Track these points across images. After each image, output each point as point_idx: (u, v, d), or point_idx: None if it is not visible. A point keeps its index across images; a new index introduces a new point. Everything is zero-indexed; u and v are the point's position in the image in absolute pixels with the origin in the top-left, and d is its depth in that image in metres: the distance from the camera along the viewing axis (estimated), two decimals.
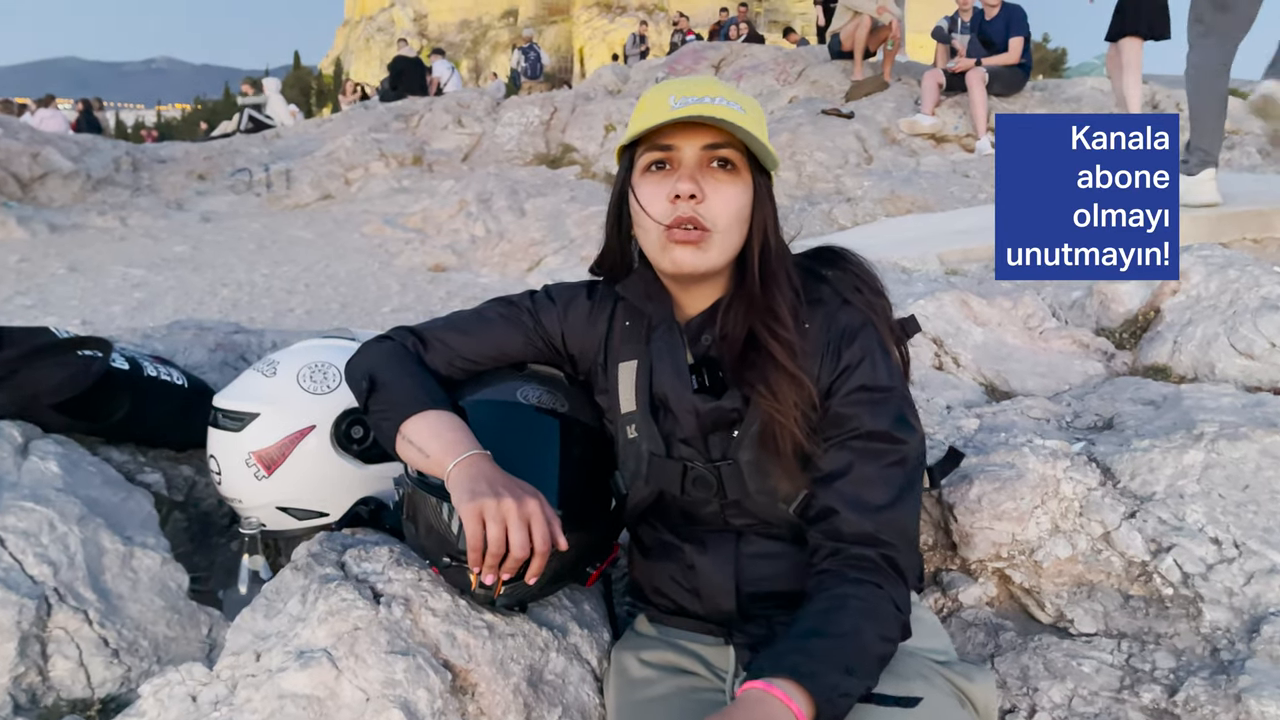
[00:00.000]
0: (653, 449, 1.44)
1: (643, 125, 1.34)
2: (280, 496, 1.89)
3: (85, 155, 10.75)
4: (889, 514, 1.31)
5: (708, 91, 1.33)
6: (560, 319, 1.54)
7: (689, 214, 1.33)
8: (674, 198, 1.33)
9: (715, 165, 1.35)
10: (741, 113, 1.32)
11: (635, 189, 1.39)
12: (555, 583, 1.51)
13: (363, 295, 6.69)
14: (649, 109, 1.36)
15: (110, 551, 1.70)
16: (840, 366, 1.36)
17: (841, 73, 10.27)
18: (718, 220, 1.34)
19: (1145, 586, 1.70)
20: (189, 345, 2.46)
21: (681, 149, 1.35)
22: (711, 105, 1.31)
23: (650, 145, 1.36)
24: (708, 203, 1.34)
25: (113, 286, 6.81)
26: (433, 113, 12.72)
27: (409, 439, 1.41)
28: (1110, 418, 2.13)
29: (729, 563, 1.44)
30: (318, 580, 1.43)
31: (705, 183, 1.34)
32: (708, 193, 1.34)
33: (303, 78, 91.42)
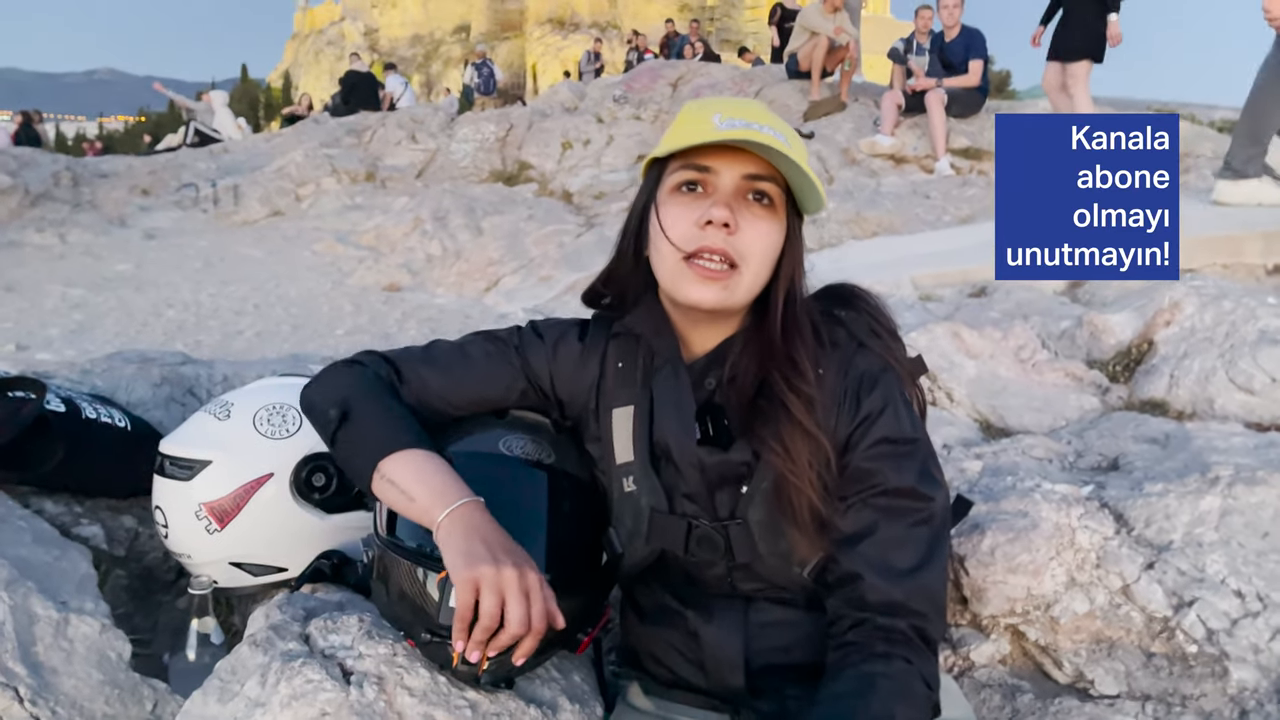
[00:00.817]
0: (654, 504, 1.31)
1: (682, 141, 1.22)
2: (234, 551, 1.73)
3: (23, 170, 10.38)
4: (918, 579, 1.19)
5: (756, 117, 1.22)
6: (549, 359, 1.40)
7: (719, 245, 1.21)
8: (704, 223, 1.21)
9: (752, 198, 1.23)
10: (788, 145, 1.20)
11: (659, 207, 1.27)
12: (544, 652, 1.37)
13: (315, 316, 6.49)
14: (690, 124, 1.24)
15: (43, 619, 1.52)
16: (860, 416, 1.25)
17: (799, 92, 10.27)
18: (749, 255, 1.22)
19: (1168, 644, 1.60)
20: (131, 380, 2.28)
21: (720, 173, 1.23)
22: (760, 132, 1.19)
23: (686, 163, 1.24)
24: (741, 235, 1.22)
25: (50, 307, 6.53)
26: (386, 128, 12.53)
27: (390, 479, 1.26)
28: (1115, 457, 2.05)
29: (737, 633, 1.31)
30: (279, 657, 1.28)
31: (740, 214, 1.22)
32: (742, 225, 1.22)
33: (250, 91, 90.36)
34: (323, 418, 1.34)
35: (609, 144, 10.83)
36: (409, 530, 1.33)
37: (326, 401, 1.34)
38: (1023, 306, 3.21)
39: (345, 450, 1.32)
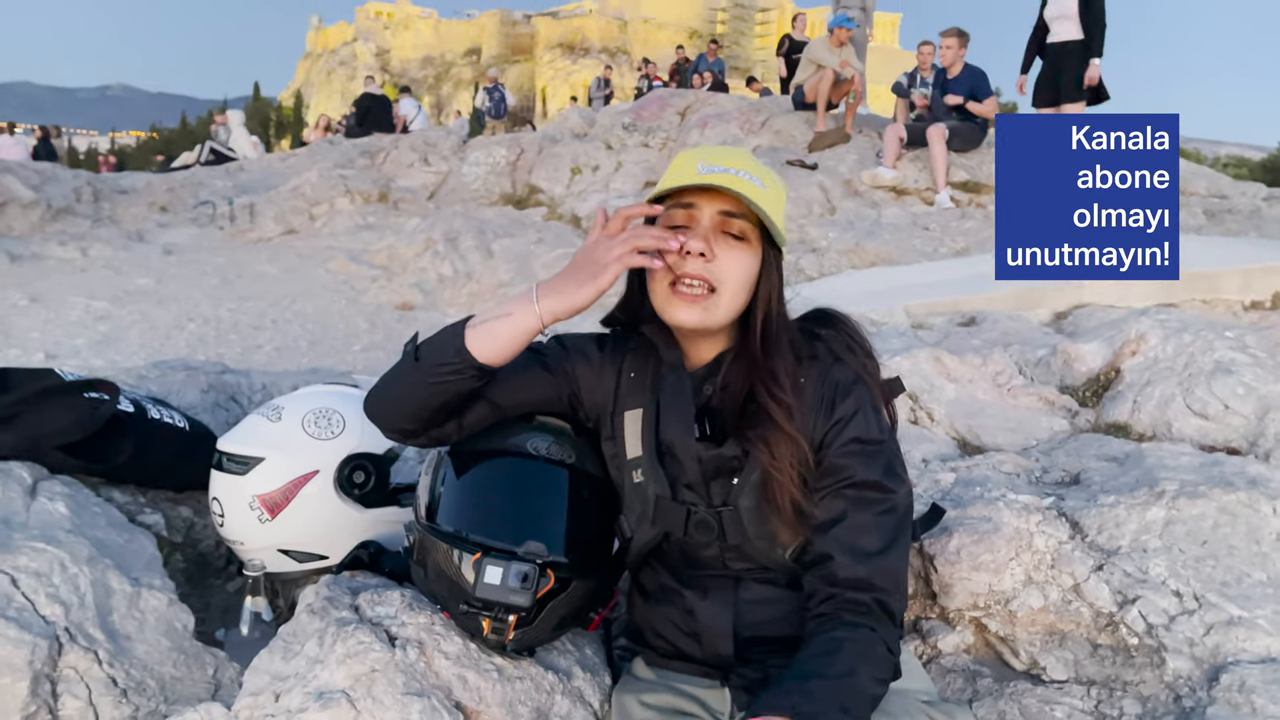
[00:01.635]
0: (659, 492, 1.52)
1: (670, 183, 1.45)
2: (283, 539, 1.93)
3: (45, 184, 10.64)
4: (881, 560, 1.39)
5: (735, 163, 1.44)
6: (575, 367, 1.61)
7: (697, 270, 1.42)
8: (684, 252, 1.42)
9: (728, 234, 1.45)
10: (762, 189, 1.42)
11: None
12: (561, 628, 1.58)
13: (331, 333, 6.70)
14: (679, 170, 1.47)
15: (118, 592, 1.73)
16: (834, 419, 1.45)
17: (804, 124, 10.51)
18: (724, 280, 1.44)
19: (1113, 636, 1.79)
20: (182, 386, 2.50)
21: (701, 209, 1.45)
22: (734, 177, 1.41)
23: (675, 203, 1.47)
24: (717, 263, 1.43)
25: (75, 319, 6.75)
26: (399, 150, 12.78)
27: (478, 326, 1.43)
28: (1077, 473, 2.24)
29: (728, 608, 1.52)
30: (334, 623, 1.48)
31: (717, 245, 1.43)
32: (718, 254, 1.43)
33: (262, 109, 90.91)
34: (403, 358, 1.49)
35: (617, 170, 11.07)
36: (447, 516, 1.54)
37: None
38: (1007, 336, 3.41)
39: (431, 350, 1.45)
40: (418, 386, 1.47)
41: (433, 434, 1.53)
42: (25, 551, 1.67)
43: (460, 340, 1.43)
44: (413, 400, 1.48)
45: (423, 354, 1.46)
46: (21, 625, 1.56)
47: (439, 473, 1.60)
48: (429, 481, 1.61)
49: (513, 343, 1.43)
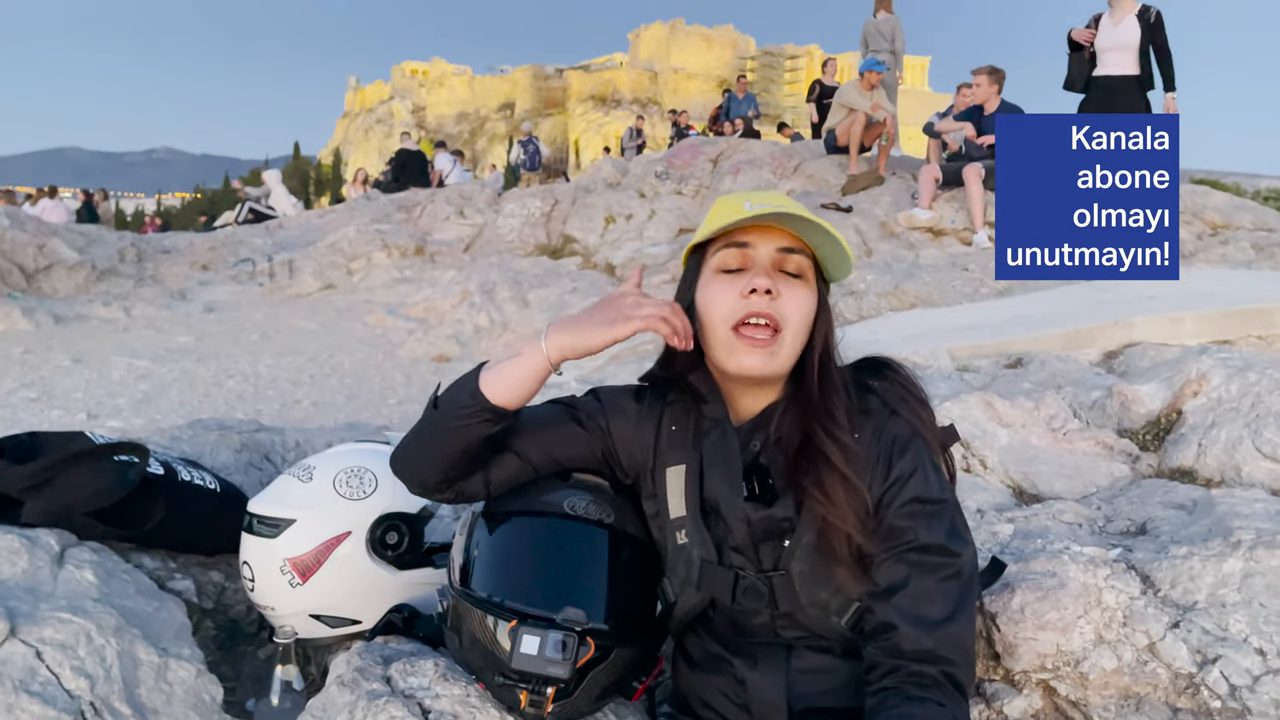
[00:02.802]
0: (704, 555, 1.43)
1: (720, 223, 1.39)
2: (315, 604, 1.87)
3: (90, 246, 10.86)
4: (948, 629, 1.30)
5: (781, 202, 1.38)
6: (611, 422, 1.54)
7: (763, 309, 1.36)
8: (749, 292, 1.36)
9: (786, 272, 1.39)
10: (813, 219, 1.36)
11: (704, 290, 1.42)
12: (602, 699, 1.49)
13: (368, 386, 6.70)
14: (724, 211, 1.40)
15: (145, 664, 1.67)
16: (892, 478, 1.37)
17: (837, 167, 10.48)
18: (789, 319, 1.37)
19: (1193, 699, 1.68)
20: (215, 446, 2.46)
21: (757, 247, 1.39)
22: (787, 209, 1.36)
23: (726, 243, 1.41)
24: (781, 300, 1.37)
25: (117, 378, 6.82)
26: (435, 204, 12.93)
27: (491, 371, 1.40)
28: (1143, 522, 2.13)
29: (780, 678, 1.42)
30: (365, 696, 1.41)
31: (778, 283, 1.37)
32: (782, 291, 1.37)
33: (302, 167, 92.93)
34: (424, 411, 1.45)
35: (651, 218, 11.10)
36: (481, 582, 1.47)
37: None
38: (1056, 377, 3.30)
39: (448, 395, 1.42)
40: (437, 435, 1.42)
41: (459, 488, 1.47)
42: (51, 623, 1.62)
43: (474, 383, 1.39)
44: (434, 450, 1.43)
45: (441, 402, 1.43)
46: (46, 700, 1.51)
47: (473, 534, 1.53)
48: (463, 542, 1.54)
49: (523, 382, 1.38)
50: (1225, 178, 9.66)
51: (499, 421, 1.40)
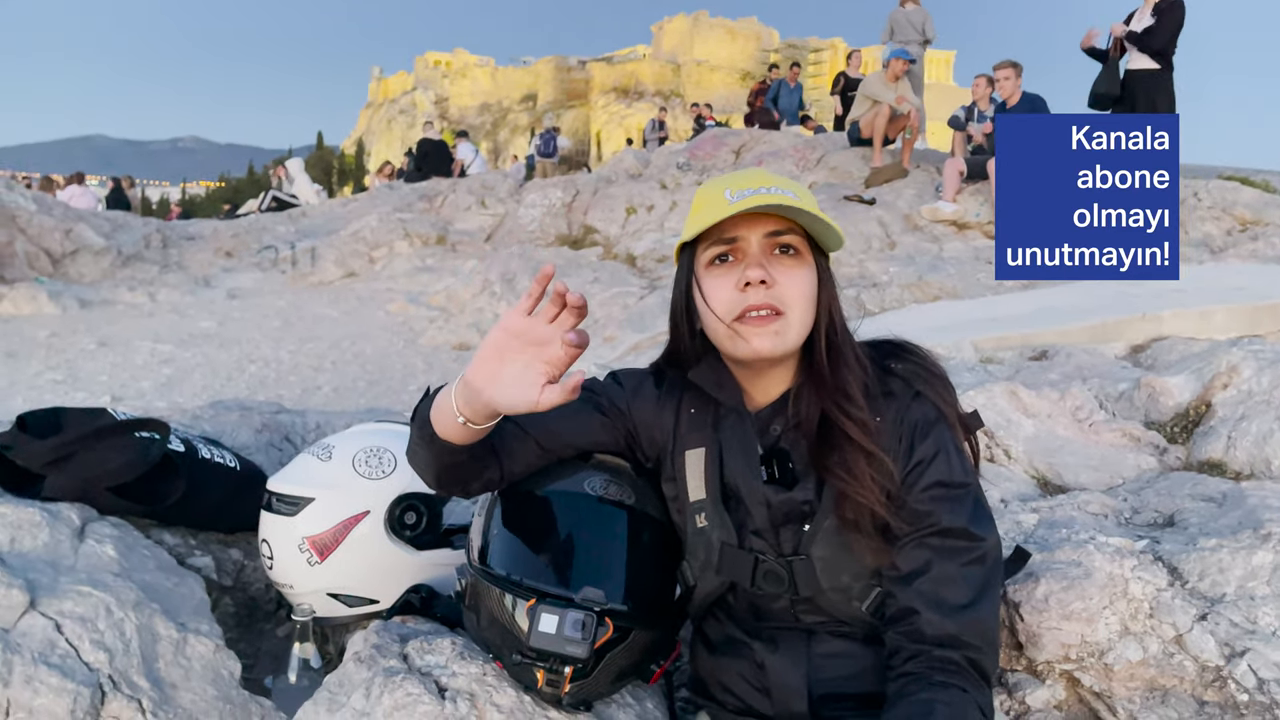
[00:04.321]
0: (724, 538, 1.41)
1: (703, 222, 1.35)
2: (332, 583, 1.87)
3: (116, 232, 10.94)
4: (971, 614, 1.28)
5: (761, 183, 1.34)
6: (630, 405, 1.52)
7: (761, 300, 1.33)
8: (744, 285, 1.33)
9: (778, 252, 1.36)
10: (796, 199, 1.33)
11: (701, 284, 1.39)
12: (620, 680, 1.48)
13: (389, 373, 6.71)
14: (706, 206, 1.36)
15: (164, 638, 1.67)
16: (914, 461, 1.35)
17: (860, 159, 10.41)
18: (791, 302, 1.34)
19: (1220, 692, 1.65)
20: (235, 426, 2.46)
21: (746, 239, 1.35)
22: (769, 195, 1.31)
23: (713, 240, 1.37)
24: (778, 287, 1.34)
25: (141, 362, 6.86)
26: (456, 194, 12.94)
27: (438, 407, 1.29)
28: (1171, 514, 2.10)
29: (801, 662, 1.40)
30: (382, 673, 1.40)
31: (773, 269, 1.34)
32: (777, 277, 1.34)
33: (325, 157, 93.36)
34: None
35: (672, 209, 11.05)
36: (500, 559, 1.46)
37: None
38: (1082, 370, 3.26)
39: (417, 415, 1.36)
40: (422, 451, 1.35)
41: (471, 487, 1.43)
42: (71, 596, 1.62)
43: (426, 414, 1.31)
44: (426, 463, 1.38)
45: (414, 419, 1.37)
46: (64, 673, 1.51)
47: (493, 513, 1.52)
48: (482, 523, 1.53)
49: (451, 428, 1.27)
50: (1255, 175, 9.52)
51: (461, 454, 1.32)
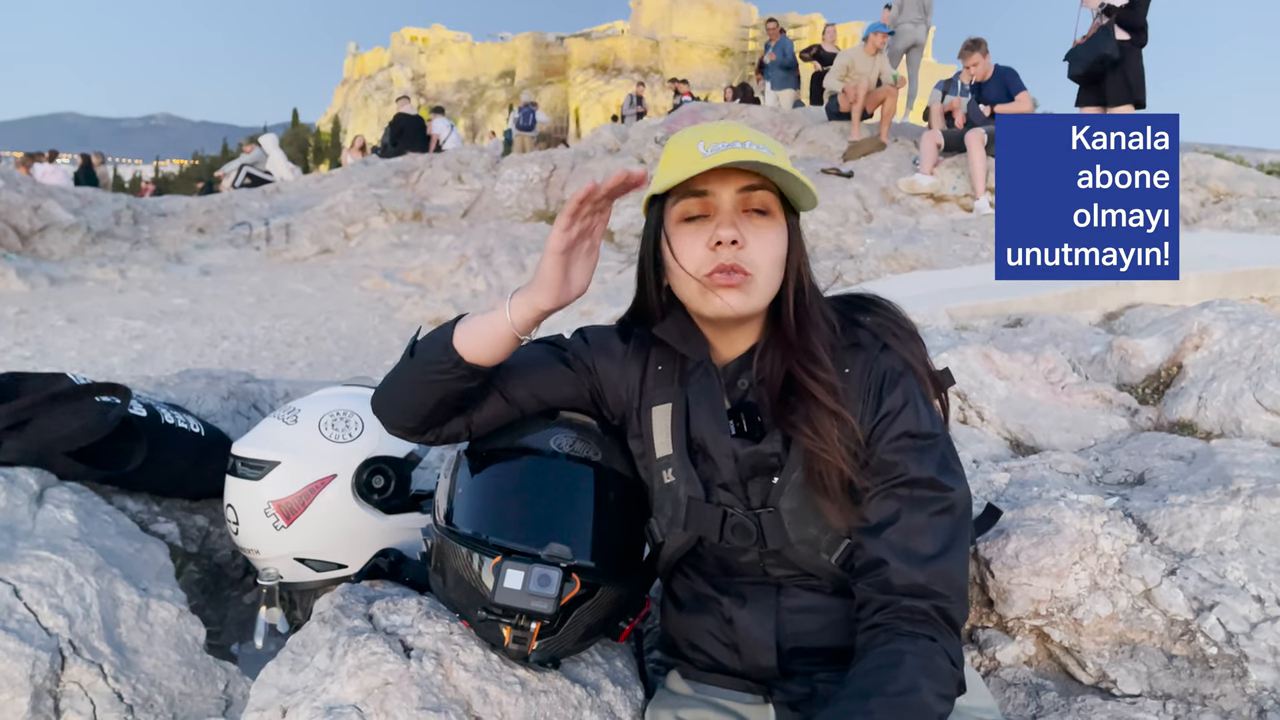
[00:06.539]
0: (691, 493, 1.40)
1: (676, 175, 1.31)
2: (299, 547, 1.84)
3: (86, 208, 10.77)
4: (939, 564, 1.27)
5: (736, 136, 1.31)
6: (595, 361, 1.50)
7: (730, 260, 1.31)
8: (714, 244, 1.31)
9: (751, 210, 1.33)
10: (771, 155, 1.30)
11: (671, 239, 1.36)
12: (588, 638, 1.47)
13: (364, 349, 6.66)
14: (679, 157, 1.33)
15: (126, 603, 1.64)
16: (882, 412, 1.33)
17: (839, 133, 10.38)
18: (760, 263, 1.32)
19: (1189, 646, 1.66)
20: (201, 393, 2.43)
21: (718, 194, 1.32)
22: (743, 150, 1.28)
23: (684, 193, 1.34)
24: (749, 247, 1.32)
25: (111, 339, 6.77)
26: (433, 169, 12.81)
27: (463, 328, 1.35)
28: (1141, 473, 2.10)
29: (769, 617, 1.39)
30: (346, 633, 1.38)
31: (744, 228, 1.32)
32: (748, 238, 1.32)
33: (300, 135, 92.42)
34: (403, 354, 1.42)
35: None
36: (466, 518, 1.44)
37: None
38: (1056, 335, 3.26)
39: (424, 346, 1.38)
40: (414, 384, 1.39)
41: (439, 432, 1.44)
42: (29, 560, 1.59)
43: (449, 338, 1.34)
44: (411, 398, 1.40)
45: (418, 351, 1.38)
46: (22, 638, 1.49)
47: (457, 473, 1.50)
48: (448, 484, 1.51)
49: (492, 343, 1.33)
50: (1229, 150, 9.58)
51: (474, 378, 1.36)
